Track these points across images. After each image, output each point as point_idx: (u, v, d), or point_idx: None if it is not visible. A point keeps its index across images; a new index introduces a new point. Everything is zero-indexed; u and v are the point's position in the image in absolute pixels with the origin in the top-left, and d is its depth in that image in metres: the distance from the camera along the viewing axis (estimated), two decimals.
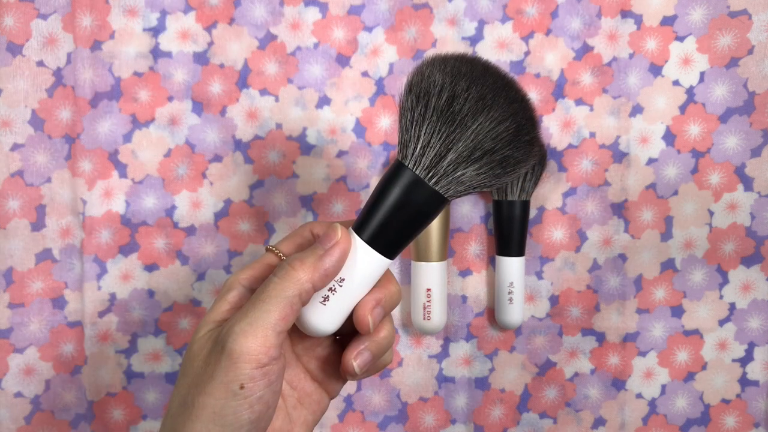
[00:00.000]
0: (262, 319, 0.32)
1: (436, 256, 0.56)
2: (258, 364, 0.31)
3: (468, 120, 0.32)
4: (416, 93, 0.33)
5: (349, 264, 0.34)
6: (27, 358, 0.58)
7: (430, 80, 0.33)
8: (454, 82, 0.33)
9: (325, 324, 0.35)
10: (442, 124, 0.33)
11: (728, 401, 0.60)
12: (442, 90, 0.33)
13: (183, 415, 0.32)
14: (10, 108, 0.57)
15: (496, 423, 0.60)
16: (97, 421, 0.59)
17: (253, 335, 0.31)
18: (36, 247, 0.58)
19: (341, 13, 0.58)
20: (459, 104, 0.32)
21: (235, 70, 0.58)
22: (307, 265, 0.33)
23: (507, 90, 0.34)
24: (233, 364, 0.31)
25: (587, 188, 0.59)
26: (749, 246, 0.59)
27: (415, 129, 0.33)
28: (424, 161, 0.33)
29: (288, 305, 0.32)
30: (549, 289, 0.60)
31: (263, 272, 0.36)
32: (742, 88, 0.58)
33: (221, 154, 0.59)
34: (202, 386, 0.32)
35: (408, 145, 0.34)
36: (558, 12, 0.58)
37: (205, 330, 0.34)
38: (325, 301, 0.35)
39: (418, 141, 0.33)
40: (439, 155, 0.33)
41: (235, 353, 0.31)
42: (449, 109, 0.32)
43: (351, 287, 0.35)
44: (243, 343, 0.31)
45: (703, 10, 0.58)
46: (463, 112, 0.32)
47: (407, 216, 0.34)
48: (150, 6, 0.57)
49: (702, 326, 0.60)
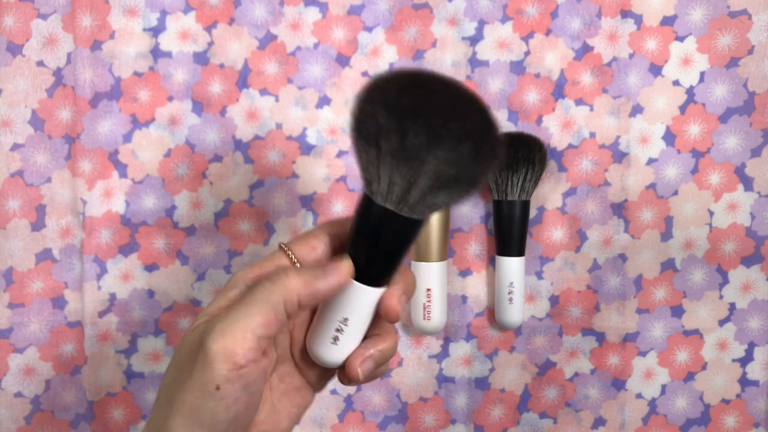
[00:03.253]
0: (242, 320, 0.31)
1: (436, 256, 0.56)
2: (234, 365, 0.30)
3: (423, 154, 0.31)
4: (364, 135, 0.32)
5: (346, 303, 0.36)
6: (27, 358, 0.58)
7: (375, 121, 0.31)
8: (400, 120, 0.31)
9: (340, 358, 0.37)
10: (398, 163, 0.31)
11: (728, 401, 0.60)
12: (389, 131, 0.31)
13: (165, 408, 0.32)
14: (10, 108, 0.57)
15: (496, 423, 0.60)
16: (97, 421, 0.59)
17: (231, 336, 0.31)
18: (36, 247, 0.58)
19: (341, 13, 0.58)
20: (410, 141, 0.31)
21: (235, 70, 0.58)
22: (302, 278, 0.33)
23: (456, 108, 0.31)
24: (208, 363, 0.30)
25: (587, 188, 0.59)
26: (749, 246, 0.59)
27: (374, 169, 0.32)
28: (392, 197, 0.33)
29: (272, 311, 0.32)
30: (549, 289, 0.60)
31: (271, 273, 0.36)
32: (742, 88, 0.58)
33: (221, 154, 0.59)
34: (182, 382, 0.31)
35: (371, 182, 0.33)
36: (558, 12, 0.58)
37: (199, 322, 0.34)
38: (336, 342, 0.36)
39: (380, 180, 0.32)
40: (405, 190, 0.32)
41: (211, 353, 0.30)
42: (402, 147, 0.31)
43: (355, 324, 0.36)
44: (220, 343, 0.30)
45: (703, 10, 0.58)
46: (416, 147, 0.31)
47: (388, 246, 0.34)
48: (150, 6, 0.57)
49: (702, 326, 0.60)
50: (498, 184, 0.57)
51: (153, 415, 0.34)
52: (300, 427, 0.60)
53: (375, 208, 0.33)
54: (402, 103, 0.31)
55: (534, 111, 0.59)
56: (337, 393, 0.60)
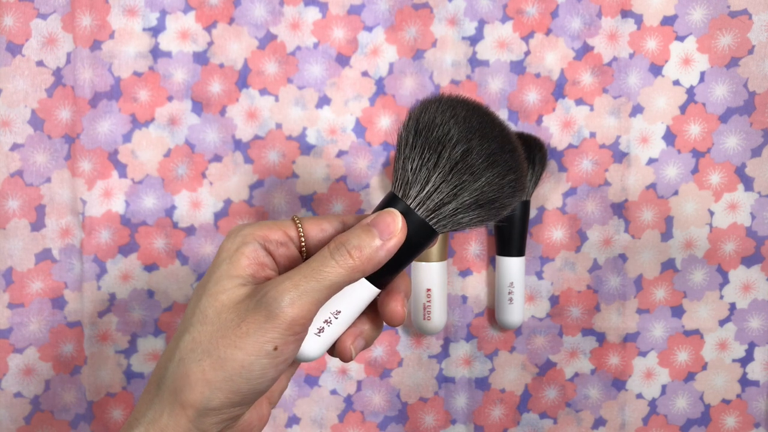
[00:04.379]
0: (312, 296, 0.34)
1: (436, 256, 0.56)
2: (295, 331, 0.34)
3: (478, 173, 0.34)
4: (427, 139, 0.35)
5: (346, 297, 0.36)
6: (27, 358, 0.58)
7: (444, 130, 0.34)
8: (470, 137, 0.34)
9: (316, 352, 0.37)
10: (453, 175, 0.34)
11: (728, 401, 0.60)
12: (457, 143, 0.34)
13: (204, 361, 0.33)
14: (10, 108, 0.57)
15: (496, 423, 0.60)
16: (96, 422, 0.59)
17: (299, 307, 0.33)
18: (36, 247, 0.58)
19: (341, 13, 0.58)
20: (473, 159, 0.34)
21: (234, 70, 0.58)
22: (365, 256, 0.34)
23: (508, 142, 0.36)
24: (275, 328, 0.33)
25: (587, 188, 0.59)
26: (749, 246, 0.59)
27: (423, 173, 0.34)
28: (429, 204, 0.35)
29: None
30: (549, 289, 0.60)
31: (279, 237, 0.37)
32: (743, 88, 0.58)
33: (221, 154, 0.59)
34: (234, 339, 0.33)
35: (412, 185, 0.35)
36: (558, 12, 0.58)
37: (233, 284, 0.35)
38: (320, 333, 0.36)
39: (426, 185, 0.34)
40: (444, 202, 0.35)
41: (279, 319, 0.33)
42: (463, 162, 0.34)
43: (345, 318, 0.36)
44: (289, 313, 0.33)
45: (703, 10, 0.58)
46: (475, 166, 0.34)
47: (405, 250, 0.35)
48: (150, 6, 0.57)
49: (702, 326, 0.60)
50: None
51: (173, 362, 0.34)
52: (300, 427, 0.60)
53: (407, 212, 0.35)
54: (471, 123, 0.35)
55: (534, 111, 0.59)
56: (336, 393, 0.60)
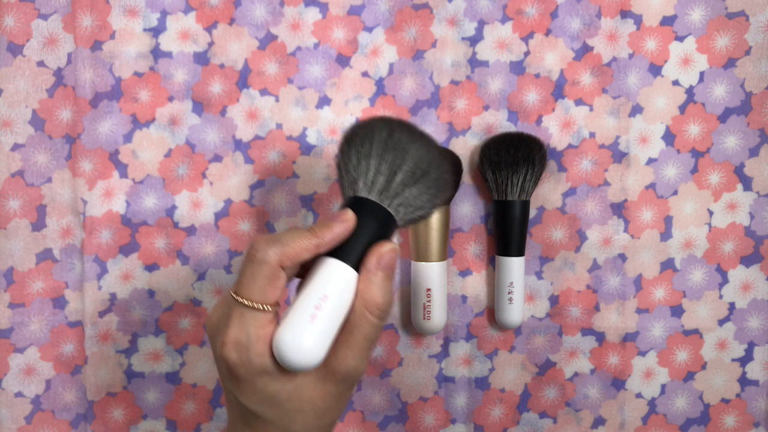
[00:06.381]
0: (364, 358, 0.39)
1: (436, 256, 0.57)
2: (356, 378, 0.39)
3: (407, 146, 0.40)
4: (359, 137, 0.41)
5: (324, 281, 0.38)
6: (27, 358, 0.58)
7: (369, 128, 0.41)
8: (390, 124, 0.41)
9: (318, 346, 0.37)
10: (386, 152, 0.40)
11: (728, 401, 0.60)
12: (381, 129, 0.41)
13: None
14: (11, 108, 0.57)
15: (496, 423, 0.60)
16: (97, 421, 0.59)
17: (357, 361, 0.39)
18: (36, 247, 0.58)
19: (341, 13, 0.58)
20: (398, 135, 0.41)
21: (235, 70, 0.58)
22: (386, 314, 0.39)
23: (419, 129, 0.43)
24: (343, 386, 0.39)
25: (587, 188, 0.59)
26: (749, 245, 0.59)
27: (363, 163, 0.40)
28: (377, 186, 0.40)
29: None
30: (549, 289, 0.60)
31: (299, 255, 0.38)
32: (740, 89, 0.58)
33: (221, 154, 0.59)
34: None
35: (358, 179, 0.40)
36: (558, 12, 0.58)
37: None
38: (313, 319, 0.37)
39: (368, 171, 0.40)
40: (388, 180, 0.40)
41: (342, 378, 0.39)
42: (391, 139, 0.40)
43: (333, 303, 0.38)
44: (349, 373, 0.38)
45: (701, 10, 0.58)
46: (402, 140, 0.40)
47: (365, 232, 0.39)
48: (150, 6, 0.57)
49: (702, 326, 0.60)
50: (498, 184, 0.57)
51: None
52: None
53: (360, 200, 0.39)
54: (389, 119, 0.42)
55: (534, 111, 0.59)
56: None
